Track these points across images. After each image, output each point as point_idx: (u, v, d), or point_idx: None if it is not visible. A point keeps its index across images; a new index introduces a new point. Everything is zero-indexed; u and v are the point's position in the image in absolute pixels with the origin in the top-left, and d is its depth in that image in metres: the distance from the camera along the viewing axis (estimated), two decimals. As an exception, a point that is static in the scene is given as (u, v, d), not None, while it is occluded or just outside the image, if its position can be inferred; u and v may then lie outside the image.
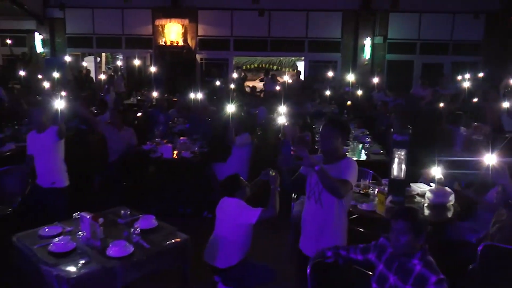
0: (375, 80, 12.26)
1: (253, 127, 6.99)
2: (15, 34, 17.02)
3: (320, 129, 3.44)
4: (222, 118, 7.20)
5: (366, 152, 6.89)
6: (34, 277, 3.45)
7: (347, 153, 6.60)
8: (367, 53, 15.24)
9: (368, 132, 8.39)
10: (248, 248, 3.89)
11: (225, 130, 6.41)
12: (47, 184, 4.95)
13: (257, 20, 15.31)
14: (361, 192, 4.88)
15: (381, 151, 6.98)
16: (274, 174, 3.77)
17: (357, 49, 15.49)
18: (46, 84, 11.61)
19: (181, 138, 7.43)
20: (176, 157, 6.62)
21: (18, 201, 5.34)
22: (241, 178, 4.07)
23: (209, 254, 3.86)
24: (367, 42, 15.12)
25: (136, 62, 15.12)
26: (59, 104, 5.00)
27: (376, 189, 4.72)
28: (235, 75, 14.50)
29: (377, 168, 5.88)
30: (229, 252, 3.78)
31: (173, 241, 3.68)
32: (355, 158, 6.60)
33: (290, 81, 13.85)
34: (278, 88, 12.60)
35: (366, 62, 15.33)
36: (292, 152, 3.10)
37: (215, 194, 5.81)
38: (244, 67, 19.31)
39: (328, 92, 11.90)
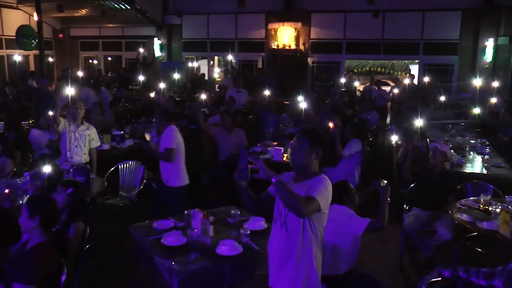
0: (496, 84, 11.19)
1: (363, 133, 6.78)
2: (137, 40, 18.48)
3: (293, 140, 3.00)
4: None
5: (485, 164, 6.38)
6: (147, 266, 3.66)
7: (462, 163, 6.27)
8: (488, 56, 14.01)
9: (488, 143, 7.77)
10: (354, 259, 3.78)
11: (333, 142, 6.22)
12: (164, 181, 5.32)
13: (371, 22, 14.93)
14: (481, 208, 4.52)
15: (503, 164, 6.41)
16: (384, 184, 3.62)
17: (477, 51, 14.34)
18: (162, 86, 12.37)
19: (291, 141, 7.41)
20: (286, 160, 6.58)
21: (135, 193, 5.76)
22: (350, 185, 3.98)
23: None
24: (489, 43, 13.89)
25: (248, 65, 15.49)
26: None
27: (499, 207, 4.34)
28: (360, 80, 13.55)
29: (499, 183, 5.44)
30: (335, 261, 3.70)
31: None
32: (471, 171, 6.16)
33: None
34: None
35: (486, 66, 14.07)
36: (249, 165, 2.85)
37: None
38: (355, 71, 18.92)
39: (443, 98, 11.18)
